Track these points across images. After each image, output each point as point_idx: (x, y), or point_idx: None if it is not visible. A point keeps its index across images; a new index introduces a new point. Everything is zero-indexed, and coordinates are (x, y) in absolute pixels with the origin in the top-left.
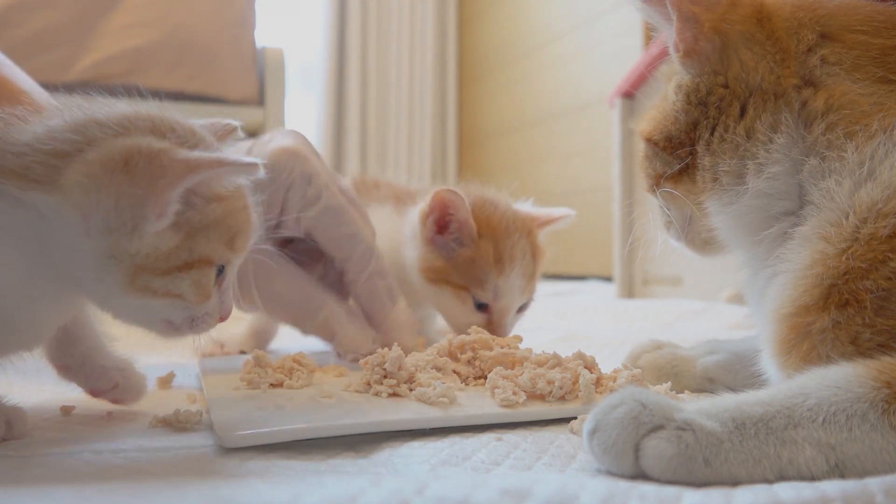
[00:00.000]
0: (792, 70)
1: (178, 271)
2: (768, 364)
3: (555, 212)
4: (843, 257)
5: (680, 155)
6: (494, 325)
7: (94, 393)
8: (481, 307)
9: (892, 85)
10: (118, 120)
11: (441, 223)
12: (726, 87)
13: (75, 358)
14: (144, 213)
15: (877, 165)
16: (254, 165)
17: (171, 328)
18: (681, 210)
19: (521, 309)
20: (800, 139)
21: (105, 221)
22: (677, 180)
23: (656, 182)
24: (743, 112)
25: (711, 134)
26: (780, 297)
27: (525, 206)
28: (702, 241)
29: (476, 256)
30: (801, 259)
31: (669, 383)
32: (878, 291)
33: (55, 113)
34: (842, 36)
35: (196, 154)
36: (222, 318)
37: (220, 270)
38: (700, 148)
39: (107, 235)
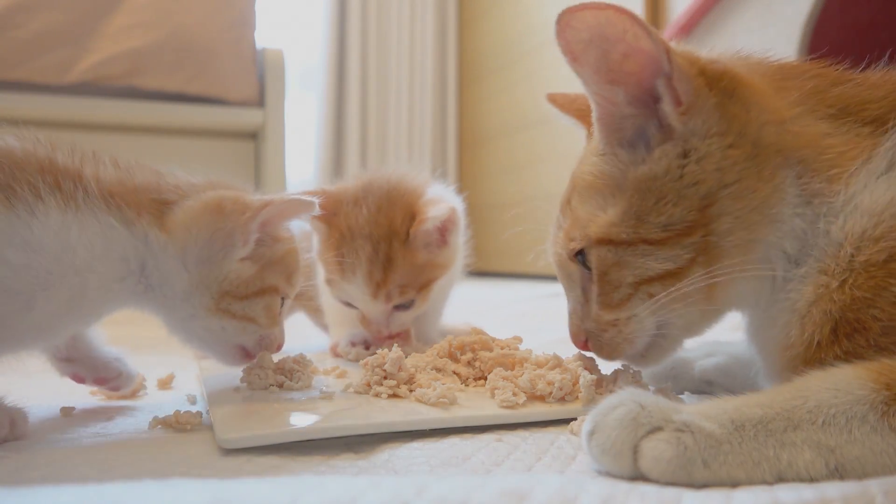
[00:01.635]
0: (783, 116)
1: (254, 296)
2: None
3: (431, 212)
4: (846, 288)
5: (691, 243)
6: (368, 322)
7: (99, 381)
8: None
9: (840, 120)
10: (205, 181)
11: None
12: (733, 147)
13: (80, 351)
14: (233, 241)
15: (857, 197)
16: (311, 203)
17: (242, 354)
18: (661, 315)
19: (405, 307)
20: (809, 188)
21: (200, 254)
22: (676, 276)
23: (635, 289)
24: (760, 173)
25: (737, 202)
26: (786, 338)
27: (435, 191)
28: (659, 345)
29: (326, 258)
30: (803, 297)
31: (669, 384)
32: (886, 320)
33: (150, 169)
34: (779, 85)
35: (268, 195)
36: (279, 347)
37: (282, 303)
38: (725, 222)
39: (201, 266)
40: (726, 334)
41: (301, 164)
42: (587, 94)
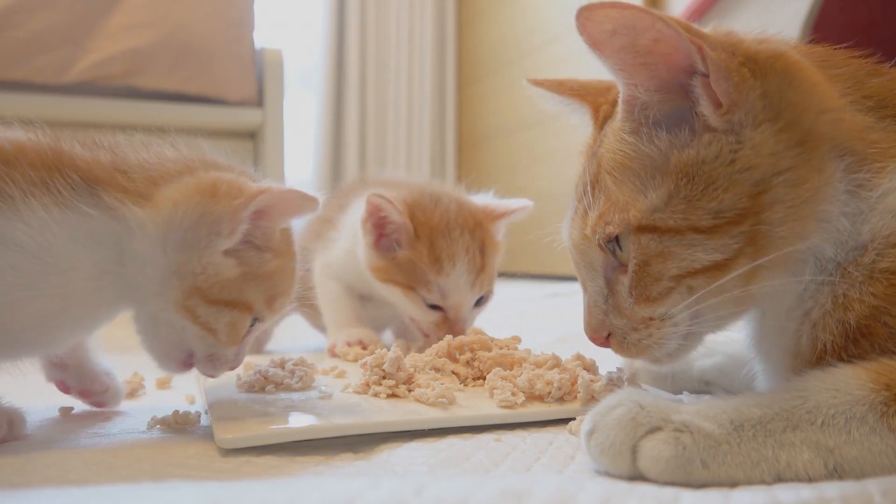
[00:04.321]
0: (837, 105)
1: (223, 306)
2: None
3: (511, 204)
4: (864, 297)
5: (740, 232)
6: (451, 323)
7: (84, 394)
8: (435, 306)
9: (878, 113)
10: (218, 159)
11: (379, 227)
12: (783, 131)
13: (74, 359)
14: (220, 229)
15: (889, 195)
16: (314, 200)
17: (183, 362)
18: (697, 313)
19: (480, 302)
20: (857, 179)
21: (183, 238)
22: (721, 268)
23: (677, 283)
24: (810, 161)
25: (790, 190)
26: (795, 345)
27: (484, 199)
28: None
29: (413, 258)
30: (819, 305)
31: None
32: (895, 326)
33: (164, 142)
34: (824, 71)
35: (267, 183)
36: (232, 368)
37: (252, 323)
38: (778, 211)
39: (180, 252)
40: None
41: (300, 164)
42: (615, 80)
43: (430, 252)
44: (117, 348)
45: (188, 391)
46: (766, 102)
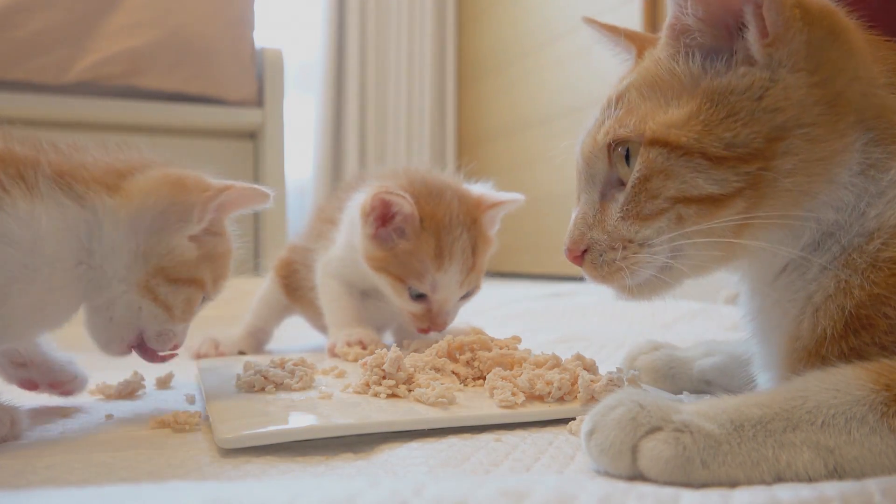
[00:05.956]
0: (876, 78)
1: (182, 284)
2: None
3: (503, 195)
4: (866, 284)
5: (745, 172)
6: (433, 315)
7: (54, 386)
8: (420, 297)
9: None
10: (166, 158)
11: (383, 220)
12: (818, 87)
13: (37, 356)
14: (190, 216)
15: None
16: (266, 195)
17: (129, 344)
18: (678, 247)
19: (466, 296)
20: (871, 157)
21: (154, 223)
22: (716, 203)
23: (671, 204)
24: (835, 124)
25: (807, 145)
26: (796, 329)
27: (478, 188)
28: (657, 280)
29: (415, 250)
30: (821, 289)
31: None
32: (895, 318)
33: (105, 148)
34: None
35: (229, 181)
36: (175, 347)
37: (202, 301)
38: (788, 161)
39: (150, 235)
40: (724, 334)
41: (299, 164)
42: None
43: (435, 246)
44: None
45: (188, 391)
46: (808, 51)
